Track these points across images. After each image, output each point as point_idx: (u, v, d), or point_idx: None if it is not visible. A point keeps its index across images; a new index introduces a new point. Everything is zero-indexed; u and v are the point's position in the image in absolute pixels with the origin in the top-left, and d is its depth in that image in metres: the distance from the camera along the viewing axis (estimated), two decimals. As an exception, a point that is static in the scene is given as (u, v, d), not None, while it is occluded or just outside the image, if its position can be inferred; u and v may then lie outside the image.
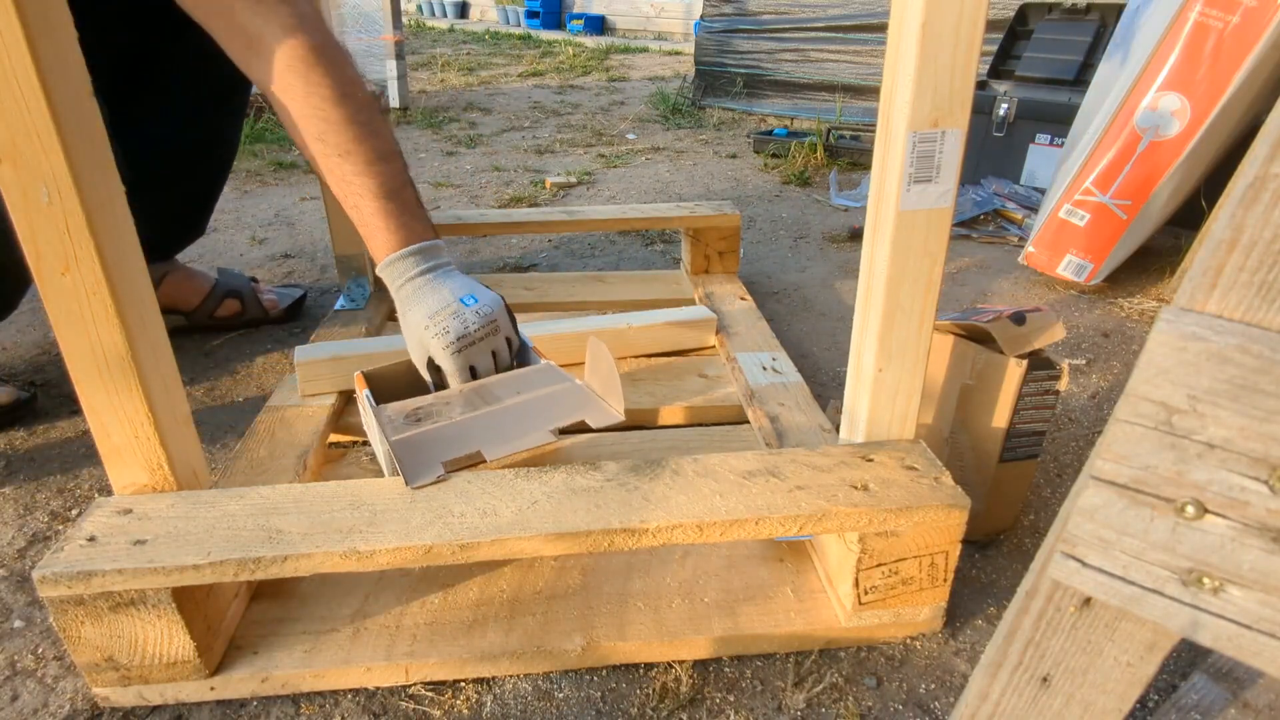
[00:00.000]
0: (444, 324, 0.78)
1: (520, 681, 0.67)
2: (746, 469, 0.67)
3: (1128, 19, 1.48)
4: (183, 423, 0.66)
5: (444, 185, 2.23)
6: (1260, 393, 0.27)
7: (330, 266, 1.59)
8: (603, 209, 1.49)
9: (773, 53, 3.17)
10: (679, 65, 5.13)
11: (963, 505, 0.64)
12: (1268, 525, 0.28)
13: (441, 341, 0.78)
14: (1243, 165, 0.75)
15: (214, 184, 1.30)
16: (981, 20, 0.54)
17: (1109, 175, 1.41)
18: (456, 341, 0.78)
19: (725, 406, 0.99)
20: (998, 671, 0.37)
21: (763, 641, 0.69)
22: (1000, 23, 2.12)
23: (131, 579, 0.57)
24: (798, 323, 1.36)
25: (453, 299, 0.79)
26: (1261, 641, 0.29)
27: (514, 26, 8.41)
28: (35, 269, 0.55)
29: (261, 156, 2.45)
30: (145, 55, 1.10)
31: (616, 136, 2.90)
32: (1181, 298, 0.29)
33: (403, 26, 3.29)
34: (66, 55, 0.53)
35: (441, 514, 0.62)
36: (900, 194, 0.60)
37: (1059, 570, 0.33)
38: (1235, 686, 0.57)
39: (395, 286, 0.81)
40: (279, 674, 0.64)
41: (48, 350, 1.22)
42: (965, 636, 0.72)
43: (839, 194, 2.09)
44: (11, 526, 0.85)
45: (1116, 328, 1.34)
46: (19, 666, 0.68)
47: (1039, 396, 0.76)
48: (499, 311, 0.82)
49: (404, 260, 0.80)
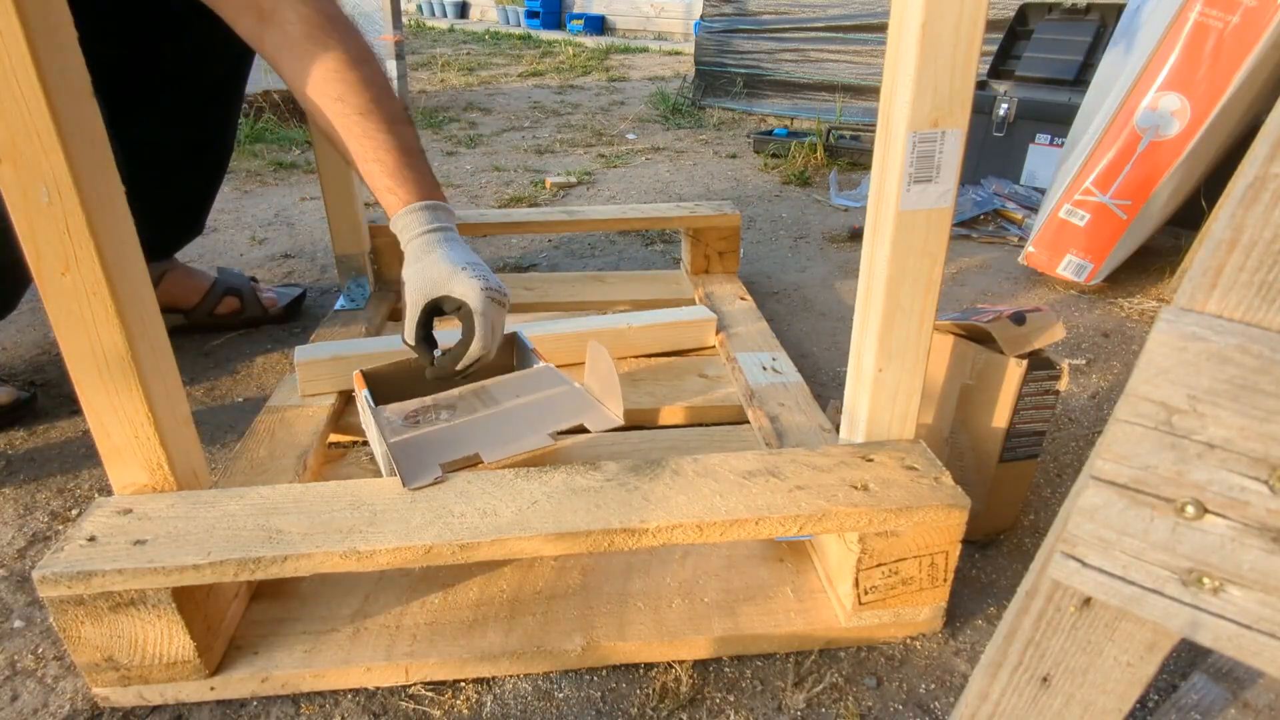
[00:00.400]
0: (483, 271, 0.79)
1: (520, 681, 0.67)
2: (746, 469, 0.67)
3: (1128, 19, 1.48)
4: (183, 423, 0.66)
5: (444, 185, 2.23)
6: (1260, 393, 0.27)
7: (330, 266, 1.59)
8: (603, 209, 1.49)
9: (773, 53, 3.17)
10: (679, 65, 5.13)
11: (963, 505, 0.64)
12: (1268, 525, 0.28)
13: (480, 283, 0.78)
14: (1243, 165, 0.75)
15: (211, 182, 1.30)
16: (981, 20, 0.54)
17: (1109, 175, 1.41)
18: (495, 289, 0.79)
19: (725, 406, 0.99)
20: (998, 671, 0.37)
21: (763, 641, 0.69)
22: (1000, 23, 2.11)
23: (131, 579, 0.57)
24: (798, 323, 1.36)
25: (483, 263, 0.81)
26: (1261, 641, 0.29)
27: (514, 26, 8.41)
28: (35, 269, 0.55)
29: (261, 156, 2.45)
30: (142, 53, 1.10)
31: (616, 136, 2.90)
32: (1181, 298, 0.29)
33: (403, 26, 3.29)
34: (66, 55, 0.53)
35: (441, 514, 0.62)
36: (900, 194, 0.60)
37: (1059, 570, 0.33)
38: (1235, 686, 0.57)
39: (418, 231, 0.80)
40: (279, 674, 0.64)
41: (48, 350, 1.22)
42: (965, 636, 0.72)
43: (839, 194, 2.09)
44: (11, 526, 0.85)
45: (1116, 328, 1.34)
46: (19, 666, 0.68)
47: (1039, 396, 0.76)
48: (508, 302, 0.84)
49: (430, 211, 0.81)
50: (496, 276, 0.81)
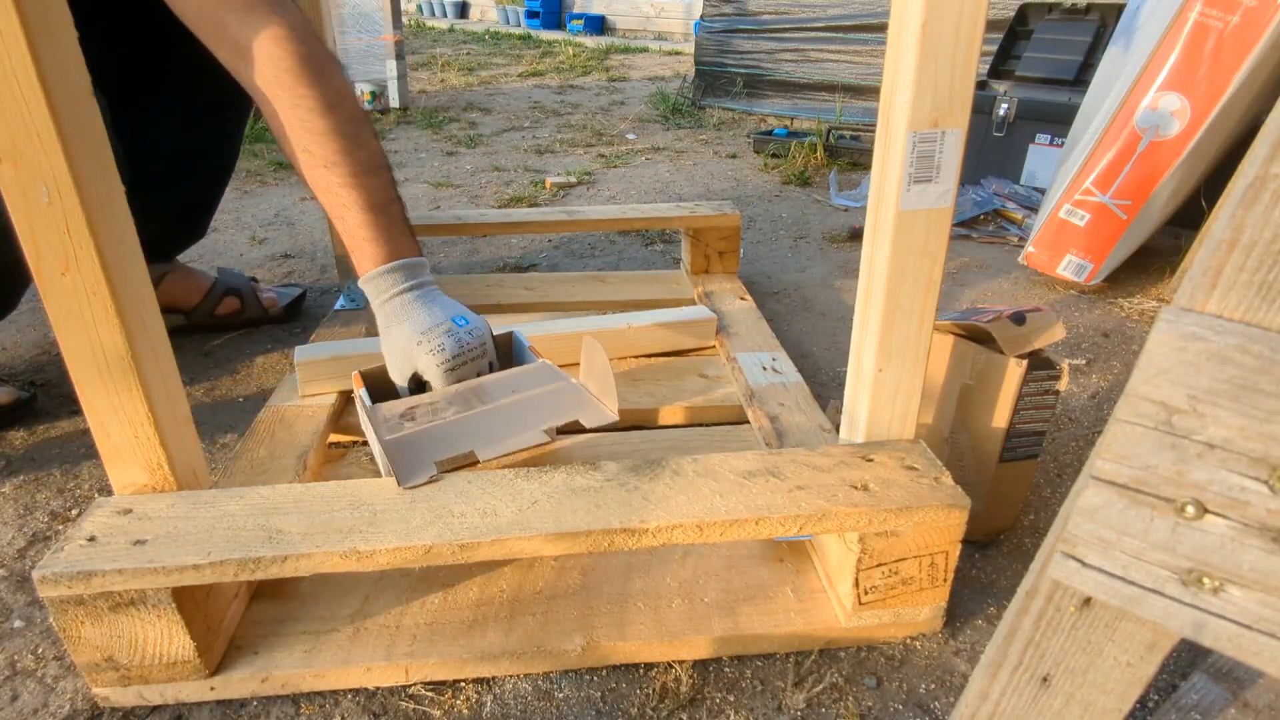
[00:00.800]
0: (439, 341, 0.78)
1: (520, 681, 0.67)
2: (746, 469, 0.67)
3: (1127, 19, 1.48)
4: (183, 423, 0.66)
5: (444, 185, 2.23)
6: (1260, 393, 0.27)
7: (330, 266, 1.59)
8: (603, 209, 1.49)
9: (773, 53, 3.17)
10: (679, 65, 5.13)
11: (963, 505, 0.64)
12: (1268, 525, 0.28)
13: (436, 359, 0.77)
14: (1243, 165, 0.75)
15: (215, 188, 1.30)
16: (981, 20, 0.54)
17: (1109, 175, 1.41)
18: (451, 359, 0.78)
19: (725, 406, 0.99)
20: (998, 671, 0.37)
21: (763, 641, 0.69)
22: (1000, 23, 2.11)
23: (131, 579, 0.57)
24: (798, 323, 1.36)
25: (445, 318, 0.79)
26: (1261, 641, 0.29)
27: (514, 26, 8.41)
28: (35, 269, 0.55)
29: (261, 156, 2.45)
30: (148, 57, 1.10)
31: (616, 136, 2.90)
32: (1181, 298, 0.29)
33: (403, 26, 3.29)
34: (66, 55, 0.53)
35: (441, 514, 0.62)
36: (900, 194, 0.60)
37: (1059, 570, 0.33)
38: (1235, 686, 0.57)
39: (380, 301, 0.80)
40: (279, 674, 0.64)
41: (48, 350, 1.22)
42: (965, 636, 0.72)
43: (839, 194, 2.09)
44: (11, 526, 0.85)
45: (1116, 328, 1.34)
46: (19, 666, 0.68)
47: (1039, 396, 0.76)
48: (487, 334, 0.83)
49: (390, 274, 0.79)
50: (471, 315, 0.81)
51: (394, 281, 0.79)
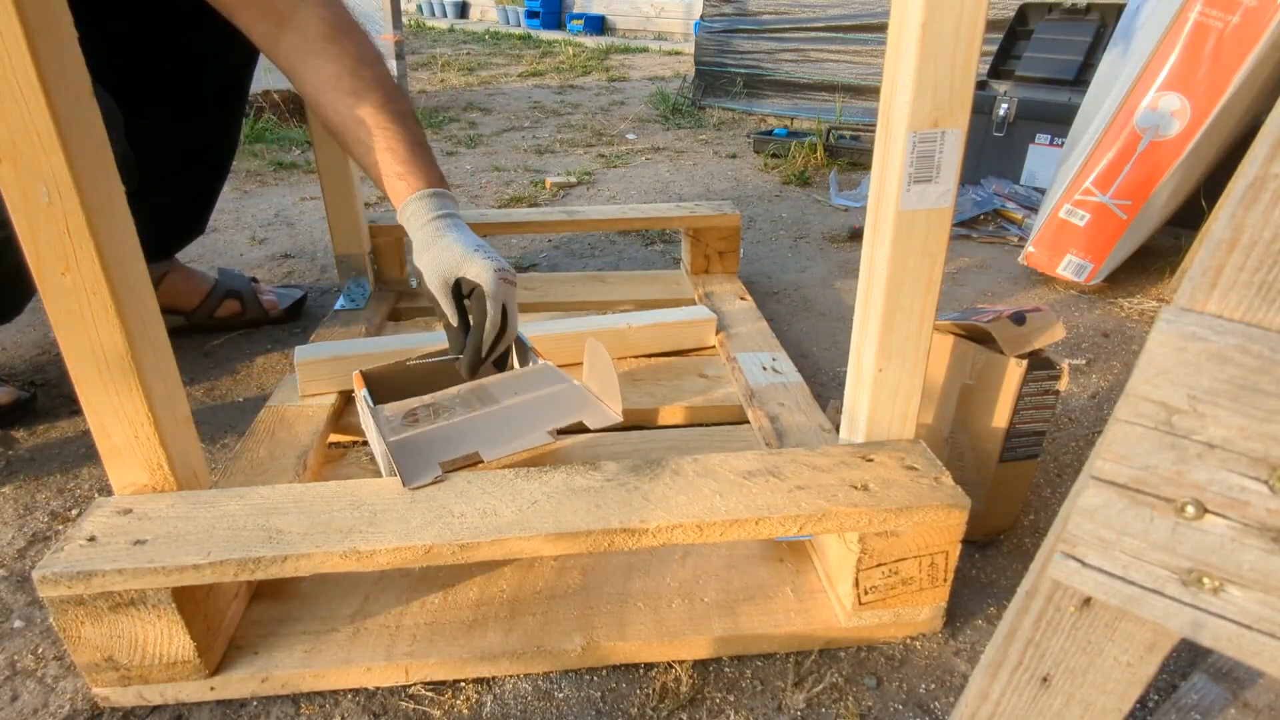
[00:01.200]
0: (494, 255, 0.82)
1: (520, 681, 0.67)
2: (746, 469, 0.67)
3: (1127, 19, 1.48)
4: (183, 423, 0.66)
5: (444, 185, 2.23)
6: (1260, 393, 0.27)
7: (330, 266, 1.59)
8: (603, 209, 1.49)
9: (773, 53, 3.17)
10: (679, 65, 5.13)
11: (963, 505, 0.64)
12: (1268, 525, 0.28)
13: (492, 264, 0.80)
14: (1243, 165, 0.75)
15: (213, 184, 1.29)
16: (981, 20, 0.54)
17: (1109, 175, 1.41)
18: (504, 269, 0.82)
19: (725, 406, 0.99)
20: (998, 671, 0.37)
21: (763, 641, 0.69)
22: (1000, 23, 2.11)
23: (131, 579, 0.57)
24: (798, 323, 1.36)
25: (491, 248, 0.84)
26: (1261, 641, 0.29)
27: (514, 26, 8.41)
28: (35, 269, 0.55)
29: (261, 156, 2.45)
30: (147, 51, 1.10)
31: (616, 136, 2.90)
32: (1181, 298, 0.29)
33: (403, 26, 3.28)
34: (66, 55, 0.53)
35: (441, 514, 0.62)
36: (900, 194, 0.60)
37: (1059, 570, 0.33)
38: (1235, 686, 0.57)
39: (428, 218, 0.83)
40: (279, 674, 0.64)
41: (48, 350, 1.22)
42: (965, 636, 0.72)
43: (839, 194, 2.09)
44: (11, 526, 0.85)
45: (1116, 328, 1.34)
46: (19, 666, 0.68)
47: (1039, 396, 0.76)
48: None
49: (437, 198, 0.84)
50: (504, 259, 0.84)
51: (441, 205, 0.85)
